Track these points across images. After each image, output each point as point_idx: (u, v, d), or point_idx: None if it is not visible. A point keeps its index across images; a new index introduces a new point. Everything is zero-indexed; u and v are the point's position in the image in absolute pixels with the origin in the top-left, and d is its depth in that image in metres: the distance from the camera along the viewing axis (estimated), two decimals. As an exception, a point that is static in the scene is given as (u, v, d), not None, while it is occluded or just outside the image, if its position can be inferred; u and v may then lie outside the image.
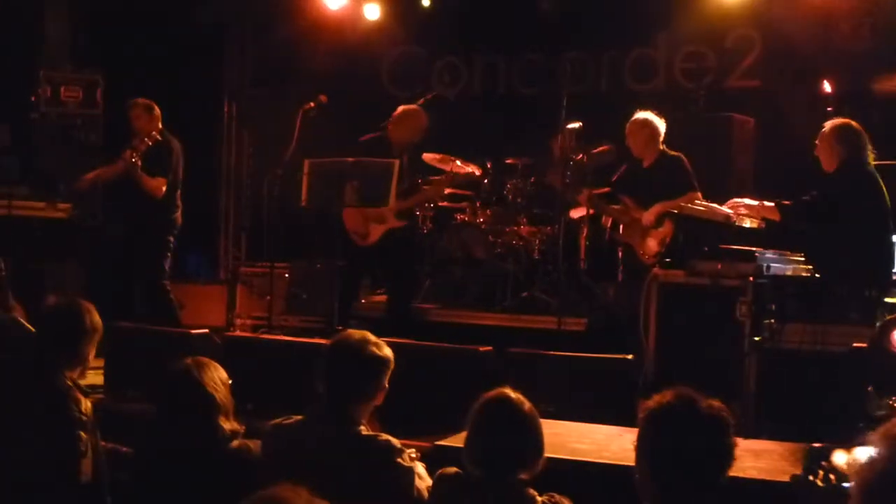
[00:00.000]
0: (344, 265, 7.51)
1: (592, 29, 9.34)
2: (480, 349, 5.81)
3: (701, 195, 6.79)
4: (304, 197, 6.98)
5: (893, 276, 5.85)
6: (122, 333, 6.51)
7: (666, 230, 6.94)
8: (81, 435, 3.82)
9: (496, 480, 3.21)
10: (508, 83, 9.99)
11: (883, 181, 5.94)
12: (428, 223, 8.46)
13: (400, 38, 10.02)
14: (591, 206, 7.51)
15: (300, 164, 7.09)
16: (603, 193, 7.57)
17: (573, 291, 8.02)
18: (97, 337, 4.16)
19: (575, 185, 7.55)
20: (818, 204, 5.94)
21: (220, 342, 6.44)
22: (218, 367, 3.82)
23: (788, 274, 5.80)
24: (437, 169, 8.37)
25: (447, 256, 8.42)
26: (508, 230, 8.27)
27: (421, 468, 3.65)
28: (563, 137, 7.59)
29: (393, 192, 6.89)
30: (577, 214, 7.92)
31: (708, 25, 8.80)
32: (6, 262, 6.97)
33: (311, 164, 6.99)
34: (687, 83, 9.15)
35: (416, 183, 7.83)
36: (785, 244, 6.05)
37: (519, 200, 8.36)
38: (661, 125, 7.10)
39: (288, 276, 8.93)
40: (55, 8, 9.74)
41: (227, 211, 10.68)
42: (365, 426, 3.58)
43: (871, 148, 6.00)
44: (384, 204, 7.06)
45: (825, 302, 5.58)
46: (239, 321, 8.88)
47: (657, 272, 5.94)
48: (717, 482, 2.68)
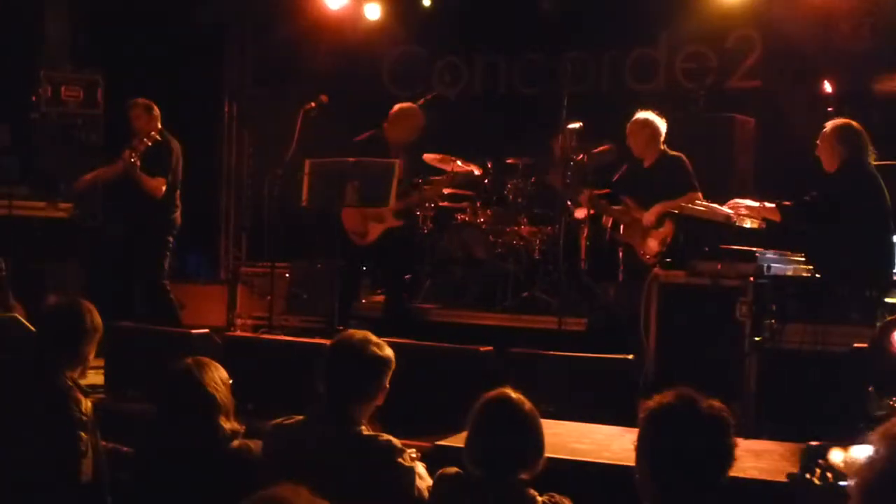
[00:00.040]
0: (344, 265, 7.51)
1: (593, 29, 9.33)
2: (481, 349, 5.81)
3: (701, 195, 6.78)
4: (304, 197, 6.99)
5: (894, 276, 5.84)
6: (122, 333, 6.51)
7: (667, 230, 6.93)
8: (82, 435, 3.82)
9: (496, 480, 3.21)
10: (509, 83, 9.99)
11: (883, 181, 5.94)
12: (428, 223, 8.46)
13: (400, 37, 10.01)
14: (591, 206, 7.51)
15: (301, 164, 7.10)
16: (603, 194, 7.57)
17: (574, 291, 8.02)
18: (97, 337, 4.16)
19: (575, 185, 7.54)
20: (819, 204, 5.94)
21: (220, 342, 6.44)
22: (218, 366, 3.82)
23: (789, 274, 5.79)
24: (437, 169, 8.36)
25: (448, 256, 8.41)
26: (509, 230, 8.26)
27: (421, 468, 3.65)
28: (563, 137, 7.58)
29: (393, 192, 6.89)
30: (581, 215, 7.91)
31: (709, 26, 8.80)
32: (7, 261, 6.99)
33: (311, 164, 6.99)
34: (688, 83, 9.14)
35: (416, 183, 7.83)
36: (785, 244, 6.05)
37: (519, 200, 8.36)
38: (661, 125, 7.08)
39: (288, 276, 8.93)
40: (55, 8, 9.74)
41: (227, 211, 10.67)
42: (366, 426, 3.58)
43: (871, 148, 6.00)
44: (385, 204, 7.06)
45: (826, 302, 5.58)
46: (239, 321, 8.87)
47: (658, 272, 5.94)
48: (717, 482, 2.68)
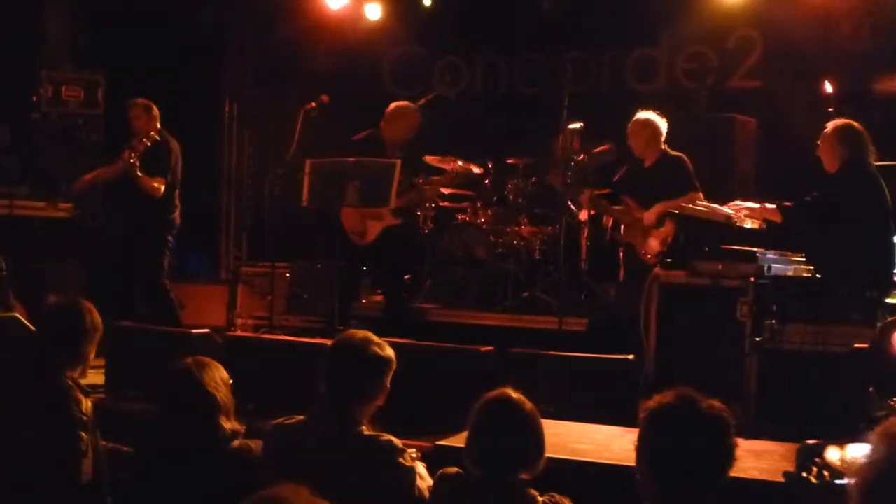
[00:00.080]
0: (344, 265, 7.51)
1: (593, 29, 9.32)
2: (481, 349, 5.81)
3: (702, 195, 6.78)
4: (305, 197, 6.99)
5: (894, 276, 5.84)
6: (122, 333, 6.51)
7: (667, 230, 6.92)
8: (82, 435, 3.82)
9: (497, 480, 3.20)
10: (510, 83, 9.98)
11: (884, 181, 5.94)
12: (429, 223, 8.45)
13: (401, 37, 10.01)
14: (592, 206, 7.51)
15: (301, 164, 7.10)
16: (604, 194, 7.56)
17: (574, 291, 8.02)
18: (98, 336, 4.16)
19: (576, 185, 7.54)
20: (819, 204, 5.93)
21: (221, 342, 6.44)
22: (219, 366, 3.82)
23: (789, 274, 5.79)
24: (438, 169, 8.35)
25: (448, 256, 8.41)
26: (509, 230, 8.25)
27: (422, 468, 3.65)
28: (564, 137, 7.58)
29: (394, 192, 6.89)
30: (585, 216, 7.91)
31: (709, 26, 8.80)
32: (7, 261, 6.99)
33: (312, 164, 6.99)
34: (688, 83, 9.14)
35: (415, 182, 7.83)
36: (786, 245, 6.05)
37: (520, 200, 8.35)
38: (662, 125, 7.08)
39: (289, 275, 8.92)
40: (56, 8, 9.74)
41: (228, 211, 10.67)
42: (367, 426, 3.58)
43: (872, 148, 5.99)
44: (385, 204, 7.06)
45: (826, 302, 5.58)
46: (240, 321, 8.86)
47: (658, 272, 5.93)
48: (717, 482, 2.68)
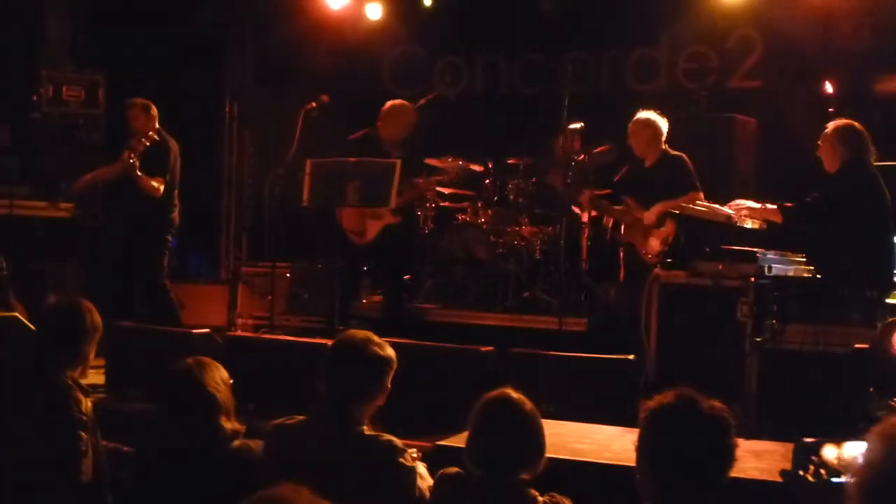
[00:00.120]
0: (344, 265, 7.51)
1: (593, 29, 9.32)
2: (482, 349, 5.81)
3: (703, 195, 6.78)
4: (305, 197, 6.99)
5: (894, 276, 5.84)
6: (123, 333, 6.51)
7: (668, 230, 6.92)
8: (82, 435, 3.82)
9: (497, 480, 3.20)
10: (510, 83, 9.98)
11: (884, 181, 5.94)
12: (429, 223, 8.45)
13: (401, 37, 10.00)
14: (592, 206, 7.51)
15: (302, 164, 7.10)
16: (605, 194, 7.56)
17: (574, 292, 8.02)
18: (98, 336, 4.15)
19: (576, 185, 7.54)
20: (819, 204, 5.93)
21: (221, 342, 6.44)
22: (219, 366, 3.81)
23: (790, 275, 5.79)
24: (440, 170, 8.36)
25: (448, 256, 8.41)
26: (510, 230, 8.26)
27: (422, 468, 3.65)
28: (564, 137, 7.58)
29: (394, 192, 6.89)
30: (587, 217, 7.91)
31: (709, 26, 8.79)
32: (7, 261, 7.00)
33: (312, 164, 7.00)
34: (689, 83, 9.14)
35: (413, 182, 7.82)
36: (786, 245, 6.05)
37: (520, 200, 8.35)
38: (663, 125, 7.07)
39: (289, 275, 8.92)
40: (56, 8, 9.73)
41: (228, 211, 10.67)
42: (367, 426, 3.58)
43: (872, 149, 5.99)
44: (386, 204, 7.06)
45: (826, 303, 5.58)
46: (240, 321, 8.87)
47: (658, 272, 5.93)
48: (717, 483, 2.67)
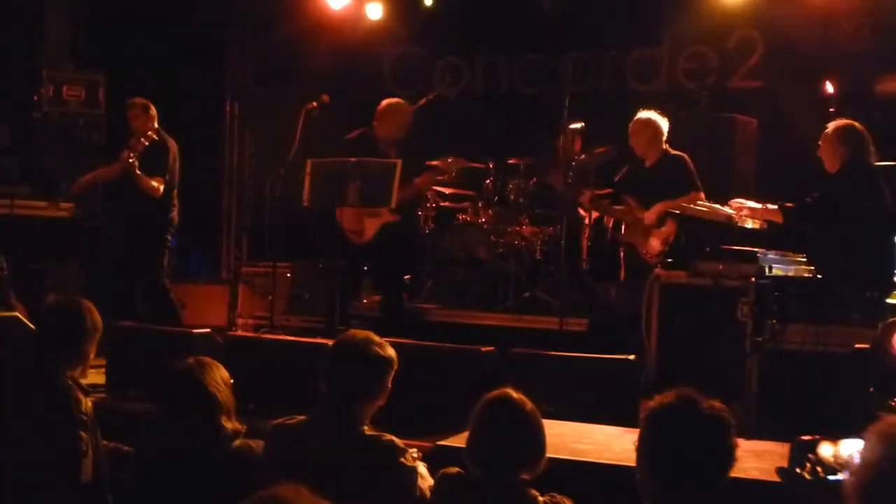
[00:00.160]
0: (345, 265, 7.51)
1: (594, 29, 9.32)
2: (482, 349, 5.81)
3: (703, 195, 6.78)
4: (306, 197, 6.99)
5: (895, 276, 5.84)
6: (123, 333, 6.51)
7: (669, 229, 6.91)
8: (82, 434, 3.82)
9: (497, 480, 3.20)
10: (510, 83, 9.98)
11: (885, 181, 5.94)
12: (430, 223, 8.46)
13: (402, 37, 10.01)
14: (593, 207, 7.51)
15: (302, 163, 7.10)
16: (605, 194, 7.56)
17: (575, 292, 8.01)
18: (98, 336, 4.15)
19: (577, 185, 7.53)
20: (819, 204, 5.93)
21: (221, 342, 6.43)
22: (220, 366, 3.81)
23: (790, 275, 5.79)
24: (438, 169, 8.35)
25: (449, 256, 8.41)
26: (510, 230, 8.26)
27: (423, 468, 3.65)
28: (565, 137, 7.58)
29: (395, 192, 6.88)
30: (590, 218, 7.90)
31: (710, 26, 8.79)
32: (7, 261, 7.00)
33: (313, 163, 6.99)
34: (689, 83, 9.13)
35: (412, 181, 7.81)
36: (787, 245, 6.05)
37: (521, 200, 8.35)
38: (664, 124, 7.06)
39: (290, 275, 8.92)
40: (56, 8, 9.73)
41: (229, 211, 10.67)
42: (368, 426, 3.58)
43: (873, 149, 5.99)
44: (386, 204, 7.05)
45: (827, 303, 5.58)
46: (241, 321, 8.86)
47: (659, 272, 5.93)
48: (718, 483, 2.67)
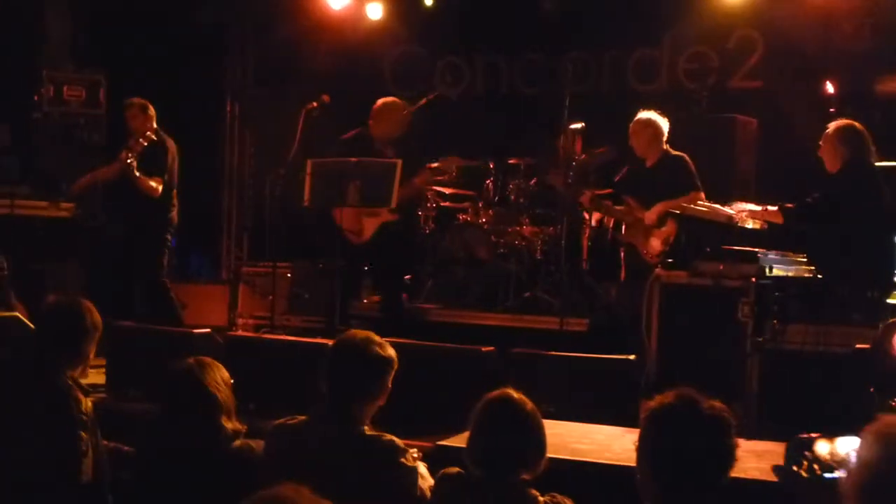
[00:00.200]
0: (345, 265, 7.50)
1: (594, 29, 9.32)
2: (482, 349, 5.81)
3: (704, 195, 6.78)
4: (306, 197, 6.99)
5: (895, 276, 5.83)
6: (123, 333, 6.51)
7: (669, 230, 6.91)
8: (82, 434, 3.82)
9: (498, 480, 3.20)
10: (510, 83, 9.98)
11: (885, 181, 5.94)
12: (430, 223, 8.45)
13: (402, 37, 10.00)
14: (593, 207, 7.51)
15: (302, 163, 7.10)
16: (606, 194, 7.56)
17: (575, 292, 8.01)
18: (98, 336, 4.15)
19: (577, 185, 7.53)
20: (819, 204, 5.93)
21: (222, 342, 6.43)
22: (220, 366, 3.81)
23: (791, 275, 5.79)
24: (439, 171, 8.35)
25: (449, 256, 8.41)
26: (511, 230, 8.26)
27: (423, 468, 3.65)
28: (565, 138, 7.58)
29: (395, 192, 6.88)
30: (595, 220, 7.90)
31: (710, 26, 8.79)
32: (7, 261, 7.00)
33: (313, 164, 6.99)
34: (689, 84, 9.13)
35: (410, 181, 7.80)
36: (787, 245, 6.05)
37: (521, 201, 8.35)
38: (664, 125, 7.06)
39: (290, 275, 8.92)
40: (56, 8, 9.74)
41: (229, 211, 10.67)
42: (368, 426, 3.58)
43: (873, 149, 5.99)
44: (387, 204, 7.05)
45: (827, 303, 5.58)
46: (241, 321, 8.87)
47: (659, 272, 5.93)
48: (718, 483, 2.67)
